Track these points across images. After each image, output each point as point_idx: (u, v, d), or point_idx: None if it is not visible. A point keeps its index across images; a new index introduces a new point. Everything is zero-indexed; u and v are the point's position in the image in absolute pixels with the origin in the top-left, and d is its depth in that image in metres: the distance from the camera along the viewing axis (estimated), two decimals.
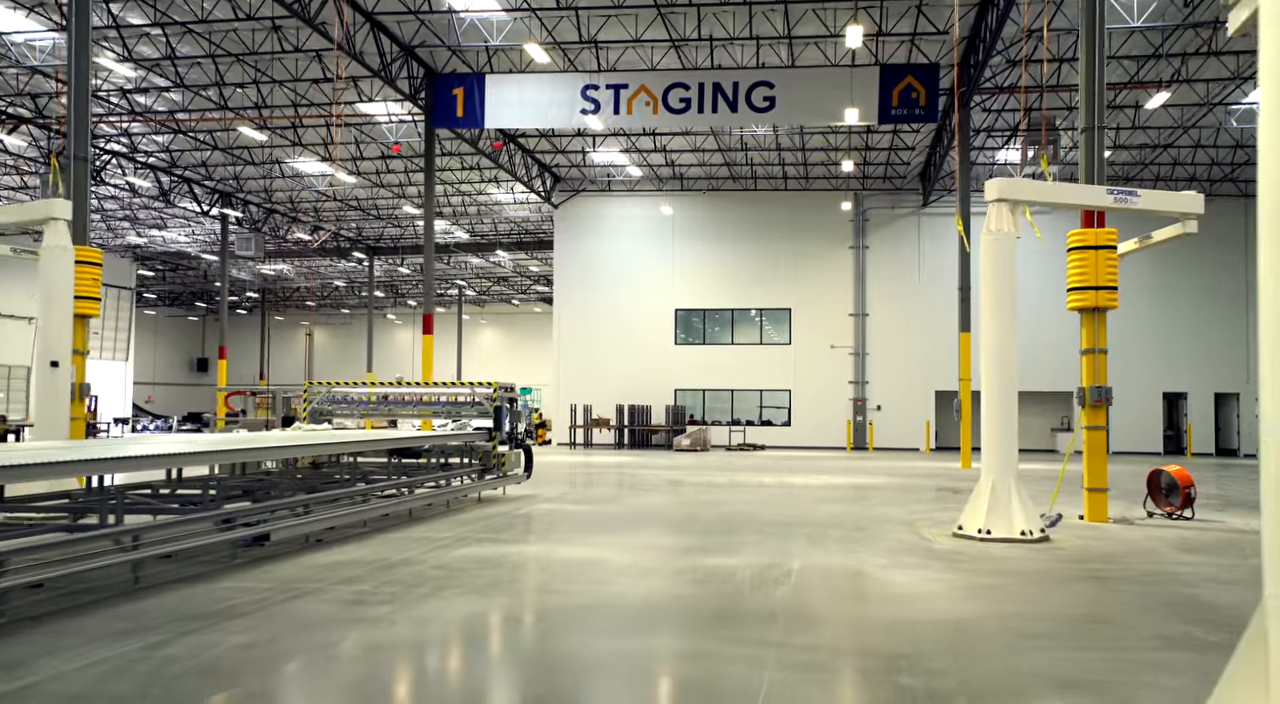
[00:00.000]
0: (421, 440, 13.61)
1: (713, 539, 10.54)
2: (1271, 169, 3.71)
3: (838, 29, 21.59)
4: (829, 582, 8.11)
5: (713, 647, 5.90)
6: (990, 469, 10.92)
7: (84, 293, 13.16)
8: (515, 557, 9.31)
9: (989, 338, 10.97)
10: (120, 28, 21.76)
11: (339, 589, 7.48)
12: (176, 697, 4.81)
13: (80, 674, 5.11)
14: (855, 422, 34.44)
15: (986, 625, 6.59)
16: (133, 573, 7.50)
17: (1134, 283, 31.74)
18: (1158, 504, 13.26)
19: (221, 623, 6.29)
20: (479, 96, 24.31)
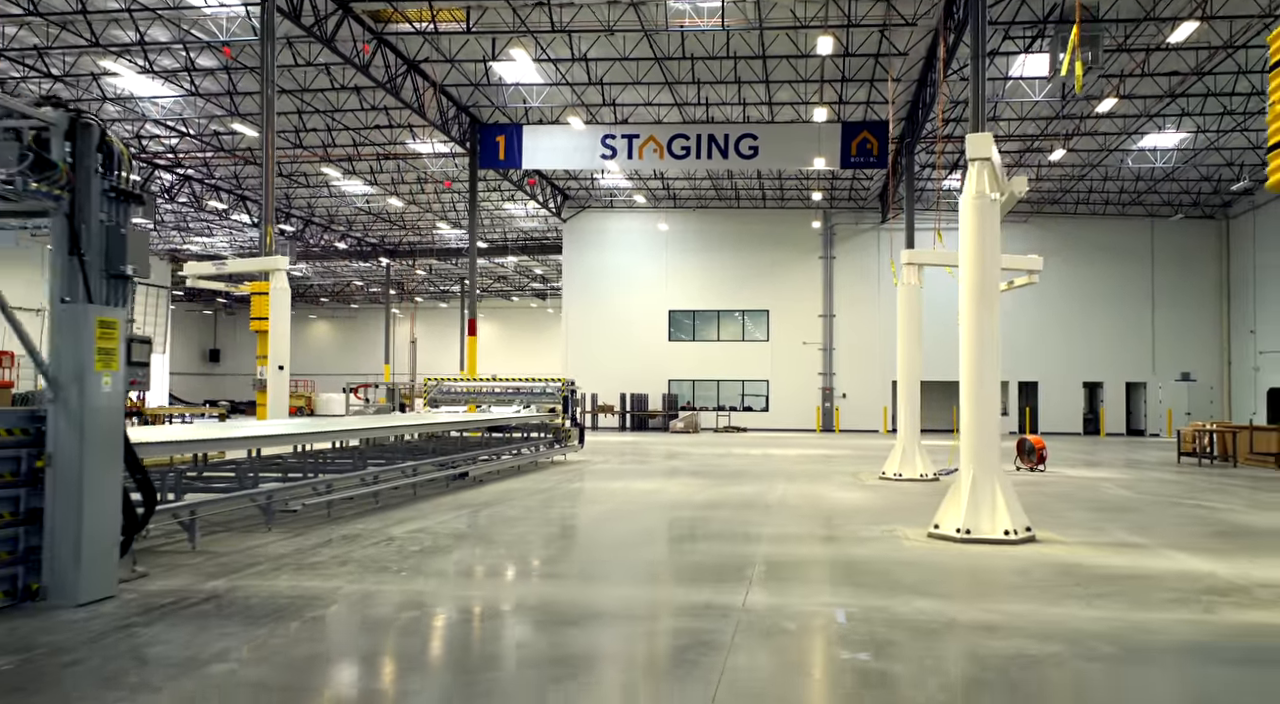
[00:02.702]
0: (514, 419, 19.92)
1: (725, 481, 16.93)
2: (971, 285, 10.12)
3: (808, 96, 28.01)
4: (799, 495, 14.52)
5: (743, 514, 12.23)
6: (902, 434, 17.42)
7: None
8: (608, 488, 15.64)
9: (901, 366, 17.47)
10: (234, 94, 27.74)
11: (523, 498, 13.79)
12: (491, 531, 11.06)
13: (442, 525, 11.38)
14: (824, 407, 41.02)
15: (872, 507, 12.99)
16: (411, 492, 13.76)
17: (1061, 288, 38.62)
18: (1023, 461, 19.83)
19: (486, 509, 12.57)
20: (518, 143, 30.47)
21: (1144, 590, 7.62)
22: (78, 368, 6.75)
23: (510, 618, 6.66)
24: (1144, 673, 5.42)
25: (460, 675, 5.29)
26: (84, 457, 6.71)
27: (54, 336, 6.82)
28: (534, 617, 6.66)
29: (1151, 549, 9.71)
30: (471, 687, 5.04)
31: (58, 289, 6.88)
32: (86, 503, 6.70)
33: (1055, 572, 8.39)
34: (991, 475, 10.27)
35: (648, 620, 6.59)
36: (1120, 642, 6.01)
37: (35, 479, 6.76)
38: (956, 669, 5.44)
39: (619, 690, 5.07)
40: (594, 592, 7.54)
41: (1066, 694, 5.03)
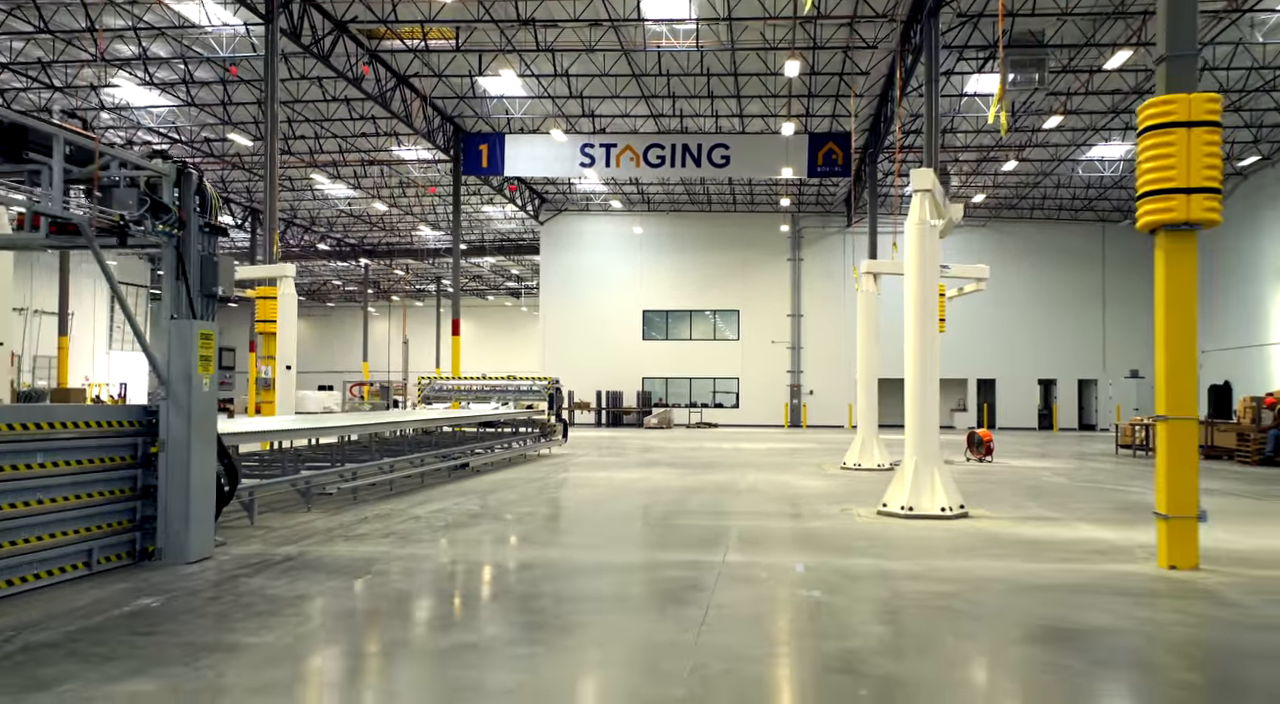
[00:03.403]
0: (505, 415, 21.59)
1: (700, 471, 18.71)
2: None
3: (777, 110, 29.86)
4: (768, 482, 16.31)
5: (717, 497, 14.00)
6: (861, 428, 19.29)
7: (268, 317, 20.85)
8: (595, 477, 17.36)
9: (863, 369, 19.34)
10: (229, 104, 29.14)
11: (522, 485, 15.49)
12: (501, 510, 12.75)
13: (457, 507, 13.05)
14: (792, 404, 42.98)
15: (832, 491, 14.80)
16: (419, 481, 15.41)
17: (1017, 289, 40.81)
18: (972, 453, 21.78)
19: (492, 493, 14.26)
20: (500, 151, 32.10)
21: (1044, 550, 9.48)
22: (185, 370, 8.40)
23: (539, 570, 8.38)
24: (1018, 600, 7.22)
25: (511, 606, 7.01)
26: (190, 442, 8.36)
27: (166, 345, 8.45)
28: (558, 569, 8.39)
29: (1063, 522, 11.60)
30: (527, 613, 6.77)
31: (168, 307, 8.52)
32: (192, 480, 8.35)
33: (977, 538, 10.24)
34: (931, 462, 12.11)
35: (649, 571, 8.33)
36: (1009, 582, 7.85)
37: (148, 461, 8.39)
38: (881, 599, 7.23)
39: (641, 611, 6.81)
40: (602, 554, 9.27)
41: (956, 611, 6.82)
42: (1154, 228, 8.48)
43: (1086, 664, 5.49)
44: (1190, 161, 8.16)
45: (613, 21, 23.41)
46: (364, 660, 5.64)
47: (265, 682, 5.07)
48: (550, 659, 5.58)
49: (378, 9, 23.34)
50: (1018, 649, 5.95)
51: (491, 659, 5.51)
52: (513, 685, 5.06)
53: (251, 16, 22.57)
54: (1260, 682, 5.36)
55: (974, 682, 5.37)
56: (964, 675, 5.46)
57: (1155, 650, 5.91)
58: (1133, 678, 5.37)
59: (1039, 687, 5.19)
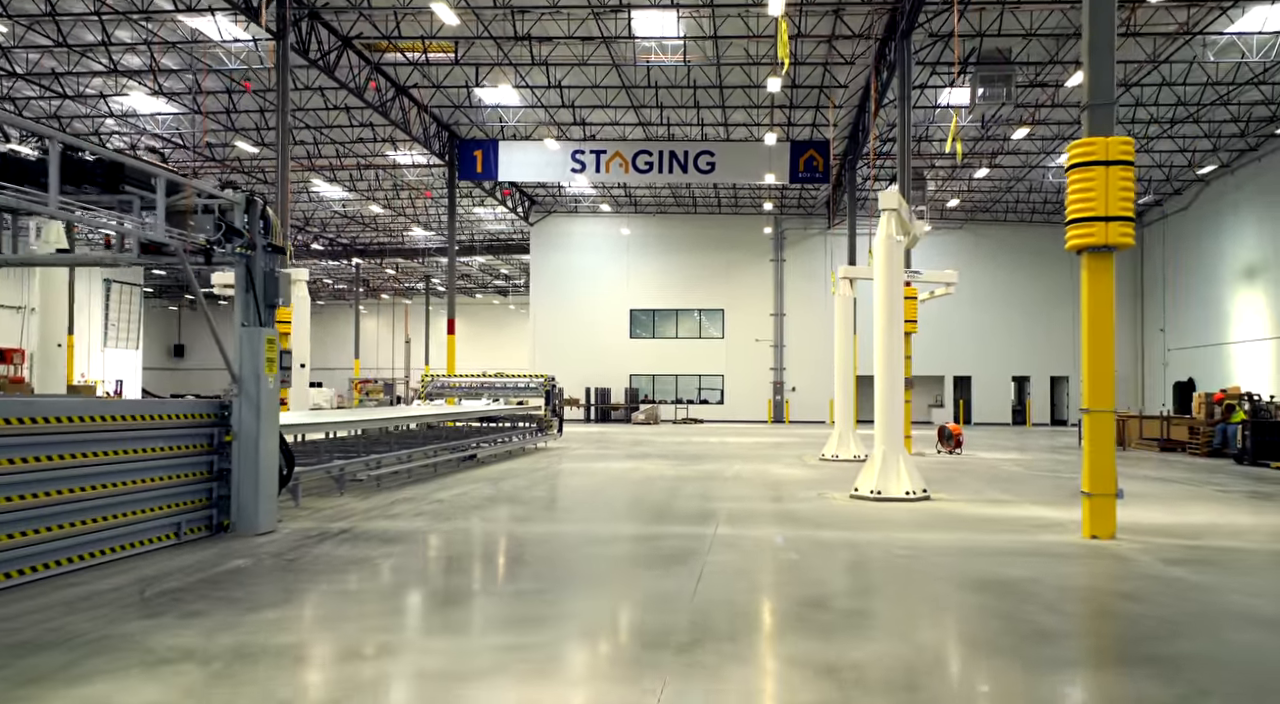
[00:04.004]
0: (506, 411, 23.06)
1: (689, 462, 20.25)
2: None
3: (760, 119, 31.43)
4: (752, 472, 17.87)
5: (706, 484, 15.53)
6: (838, 423, 20.88)
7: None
8: (593, 467, 18.87)
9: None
10: (234, 112, 30.45)
11: (527, 474, 16.98)
12: (514, 494, 14.26)
13: (474, 491, 14.55)
14: (775, 400, 44.61)
15: (810, 479, 16.37)
16: (433, 470, 16.89)
17: (992, 289, 42.56)
18: (943, 446, 23.42)
19: (502, 480, 15.74)
20: (494, 157, 33.52)
21: (991, 525, 11.07)
22: (255, 370, 9.87)
23: (559, 540, 9.88)
24: (960, 560, 8.78)
25: (543, 565, 8.53)
26: (259, 432, 9.83)
27: (237, 348, 9.91)
28: (576, 539, 9.90)
29: (1013, 503, 13.21)
30: (557, 569, 8.29)
31: (238, 316, 9.98)
32: (260, 464, 9.82)
33: (935, 516, 11.82)
34: (897, 452, 13.69)
35: (652, 541, 9.85)
36: (956, 548, 9.43)
37: (222, 448, 9.85)
38: (847, 560, 8.78)
39: (649, 568, 8.33)
40: (610, 527, 10.79)
41: (907, 568, 8.36)
42: (1079, 249, 10.06)
43: (999, 601, 7.06)
44: (1109, 194, 9.74)
45: (605, 39, 24.89)
46: (435, 601, 7.14)
47: (364, 611, 6.58)
48: (584, 600, 7.11)
49: (382, 25, 24.72)
50: (951, 592, 7.52)
51: (539, 600, 7.03)
52: (559, 614, 6.59)
53: (261, 32, 23.90)
54: (1121, 610, 6.94)
55: (914, 612, 6.91)
56: (907, 609, 7.02)
57: (1053, 592, 7.47)
58: (1031, 609, 6.92)
59: (961, 615, 6.76)
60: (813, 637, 6.01)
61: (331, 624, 6.33)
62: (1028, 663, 5.49)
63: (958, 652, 5.88)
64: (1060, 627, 6.44)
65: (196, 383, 69.09)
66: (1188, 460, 22.10)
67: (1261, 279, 33.38)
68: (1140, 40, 24.26)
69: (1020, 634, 6.13)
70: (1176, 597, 7.29)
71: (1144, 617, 6.76)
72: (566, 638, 6.04)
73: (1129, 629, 6.59)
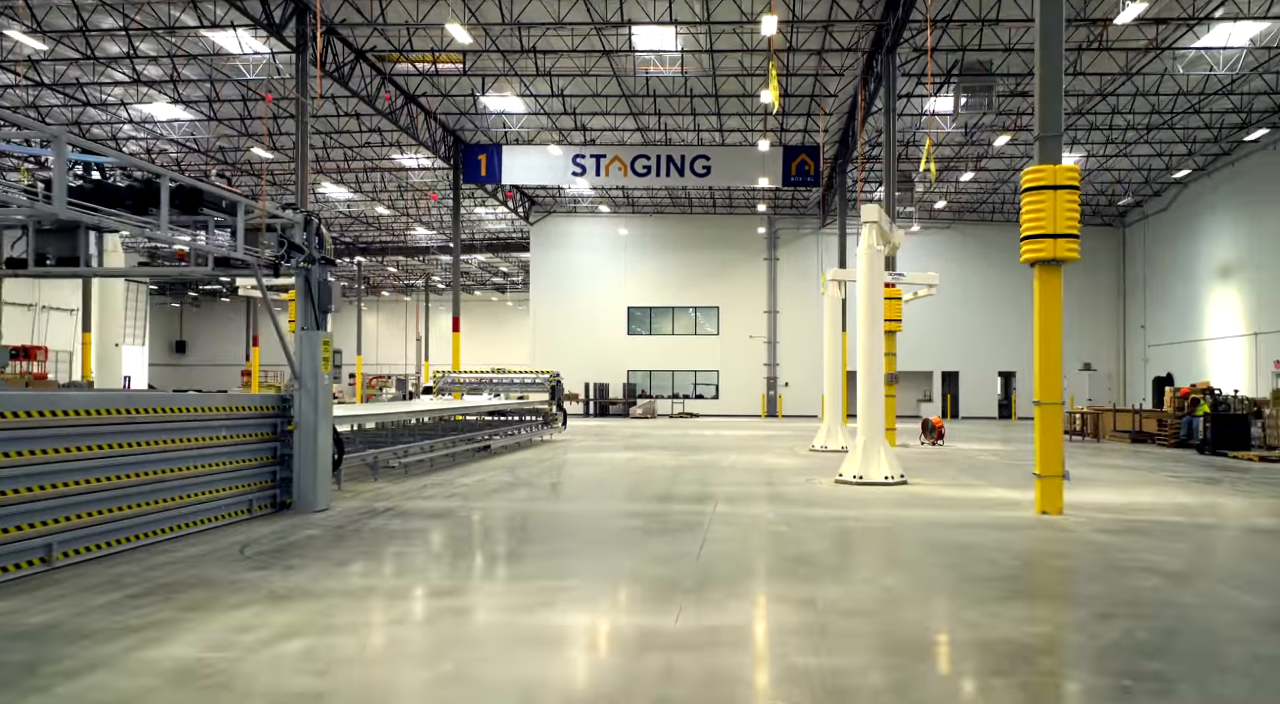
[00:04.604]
0: (510, 405, 24.56)
1: (687, 452, 21.78)
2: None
3: (753, 125, 32.96)
4: (747, 461, 19.40)
5: (705, 472, 17.05)
6: (827, 416, 22.42)
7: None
8: (598, 457, 20.39)
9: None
10: (248, 118, 31.87)
11: (539, 463, 18.49)
12: (530, 479, 15.77)
13: (493, 478, 16.06)
14: (769, 395, 46.17)
15: (800, 467, 17.91)
16: (451, 460, 18.39)
17: (979, 287, 44.14)
18: (926, 438, 24.99)
19: (517, 468, 17.26)
20: (498, 161, 34.94)
21: (957, 504, 12.62)
22: (313, 368, 11.36)
23: (577, 516, 11.39)
24: (925, 531, 10.32)
25: (570, 534, 10.04)
26: (316, 422, 11.32)
27: (298, 349, 11.40)
28: (592, 515, 11.42)
29: (981, 487, 14.76)
30: (582, 537, 9.81)
31: (299, 321, 11.47)
32: (318, 450, 11.32)
33: (910, 497, 13.36)
34: (877, 441, 15.22)
35: (659, 517, 11.37)
36: (923, 522, 10.98)
37: (283, 437, 11.34)
38: (829, 531, 10.32)
39: (659, 536, 9.84)
40: (621, 505, 12.32)
41: (879, 536, 9.88)
42: (1032, 262, 11.60)
43: (950, 558, 8.61)
44: (1057, 215, 11.28)
45: (606, 52, 26.36)
46: (486, 558, 8.66)
47: (429, 565, 8.11)
48: (608, 558, 8.63)
49: (394, 39, 26.16)
50: (911, 553, 9.06)
51: (570, 557, 8.56)
52: (589, 568, 8.11)
53: (279, 45, 25.30)
54: (1048, 564, 8.50)
55: (878, 566, 8.43)
56: (874, 564, 8.55)
57: (997, 553, 9.01)
58: (975, 564, 8.43)
59: (916, 568, 8.30)
60: (797, 582, 7.54)
61: (406, 574, 7.85)
62: (962, 598, 7.03)
63: (908, 591, 7.41)
64: (995, 575, 7.97)
65: (198, 378, 70.45)
66: (1155, 451, 23.69)
67: (1236, 278, 34.99)
68: (1114, 54, 25.79)
69: (961, 580, 7.68)
70: (1098, 555, 8.85)
71: (1066, 569, 8.31)
72: (599, 583, 7.55)
73: (1050, 577, 8.14)
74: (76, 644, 5.54)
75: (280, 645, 5.59)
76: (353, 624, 6.20)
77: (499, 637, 5.94)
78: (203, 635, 5.78)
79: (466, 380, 25.81)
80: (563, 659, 5.59)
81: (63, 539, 7.87)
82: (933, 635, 6.09)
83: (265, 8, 22.21)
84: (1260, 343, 33.10)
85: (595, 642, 5.97)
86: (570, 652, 5.77)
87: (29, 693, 4.70)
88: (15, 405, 7.65)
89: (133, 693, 4.73)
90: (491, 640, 5.84)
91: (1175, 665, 5.37)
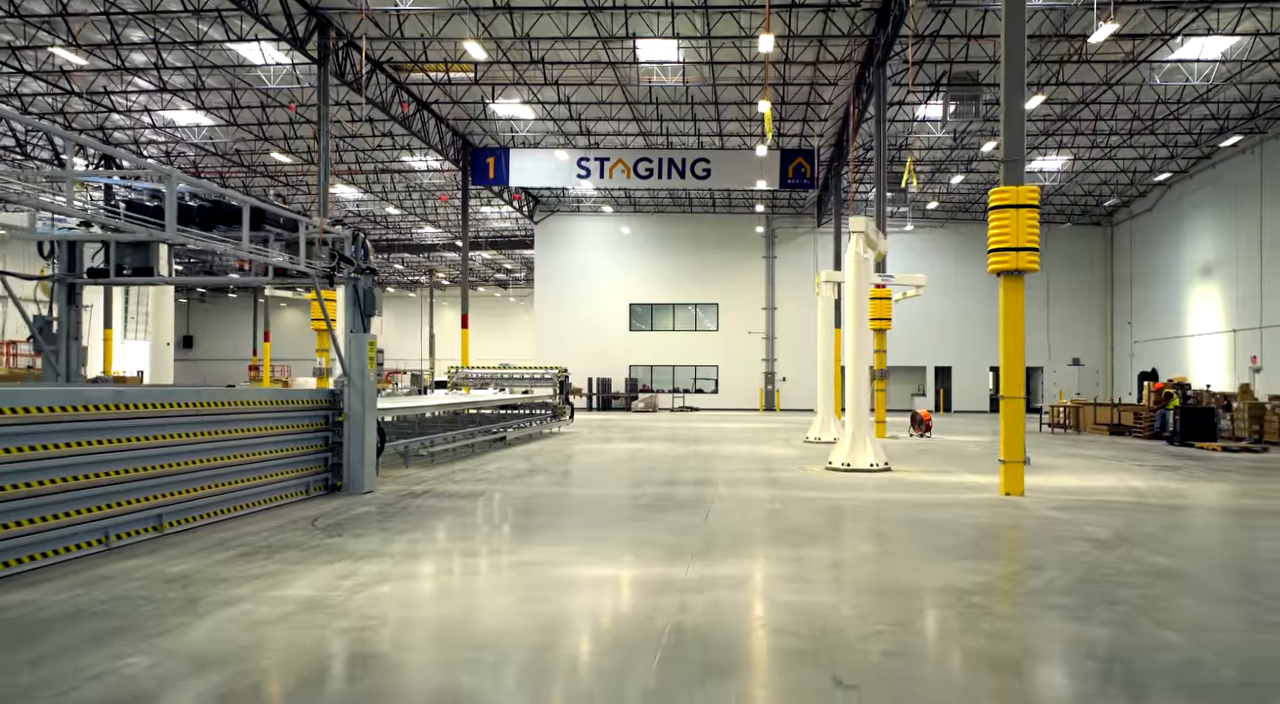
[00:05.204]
0: (521, 399, 26.09)
1: (689, 443, 23.32)
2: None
3: (752, 130, 34.48)
4: (745, 451, 20.95)
5: (706, 460, 18.59)
6: (821, 409, 23.98)
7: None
8: (605, 448, 21.93)
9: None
10: (266, 124, 33.36)
11: (552, 453, 20.03)
12: (547, 467, 17.31)
13: (512, 465, 17.60)
14: (767, 390, 47.74)
15: (795, 457, 19.46)
16: (471, 450, 19.93)
17: (971, 285, 45.67)
18: (915, 430, 26.55)
19: (533, 457, 18.80)
20: (505, 164, 36.46)
21: (932, 487, 14.18)
22: (360, 366, 12.90)
23: (595, 497, 12.93)
24: (900, 509, 11.86)
25: (592, 510, 11.59)
26: (364, 413, 12.86)
27: (347, 350, 12.93)
28: (608, 496, 12.97)
29: (957, 473, 16.33)
30: (603, 512, 11.36)
31: (346, 325, 13.01)
32: (365, 439, 12.86)
33: (891, 482, 14.92)
34: (864, 432, 16.77)
35: (668, 496, 12.92)
36: (901, 502, 12.55)
37: (334, 426, 12.88)
38: (817, 508, 11.87)
39: (668, 512, 11.38)
40: (632, 489, 13.87)
41: (861, 513, 11.43)
42: (998, 272, 13.13)
43: (916, 529, 10.17)
44: (1019, 230, 12.81)
45: (611, 63, 27.86)
46: (521, 528, 10.20)
47: (475, 533, 9.66)
48: (625, 527, 10.19)
49: (410, 50, 27.64)
50: (884, 526, 10.62)
51: (592, 526, 10.11)
52: (610, 535, 9.66)
53: (300, 57, 26.77)
54: (1000, 534, 10.05)
55: (855, 535, 9.98)
56: (851, 533, 10.10)
57: (959, 525, 10.56)
58: (938, 533, 9.97)
59: (886, 537, 9.85)
60: (786, 546, 9.10)
61: (457, 540, 9.40)
62: (921, 557, 8.59)
63: (878, 552, 8.96)
64: (953, 542, 9.52)
65: (206, 372, 71.98)
66: (1130, 442, 25.24)
67: (1216, 276, 36.55)
68: (1094, 66, 27.30)
69: (924, 545, 9.24)
70: (1044, 527, 10.41)
71: (1014, 537, 9.88)
72: (619, 545, 9.10)
73: (999, 543, 9.71)
74: (217, 587, 7.09)
75: (374, 588, 7.13)
76: (426, 574, 7.76)
77: (547, 580, 7.48)
78: (312, 581, 7.33)
79: (477, 375, 27.33)
80: (602, 596, 7.14)
81: (170, 511, 9.42)
82: (892, 582, 7.64)
83: (290, 23, 23.70)
84: (1239, 339, 34.68)
85: (624, 585, 7.51)
86: (607, 591, 7.32)
87: (201, 616, 6.24)
88: (139, 398, 9.20)
89: (278, 616, 6.28)
90: (542, 584, 7.38)
91: (1077, 600, 6.92)
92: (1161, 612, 6.63)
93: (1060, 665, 5.52)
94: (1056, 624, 6.30)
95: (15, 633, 5.82)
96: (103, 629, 5.88)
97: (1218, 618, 6.57)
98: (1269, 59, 25.99)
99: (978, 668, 5.39)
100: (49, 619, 6.14)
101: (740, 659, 5.59)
